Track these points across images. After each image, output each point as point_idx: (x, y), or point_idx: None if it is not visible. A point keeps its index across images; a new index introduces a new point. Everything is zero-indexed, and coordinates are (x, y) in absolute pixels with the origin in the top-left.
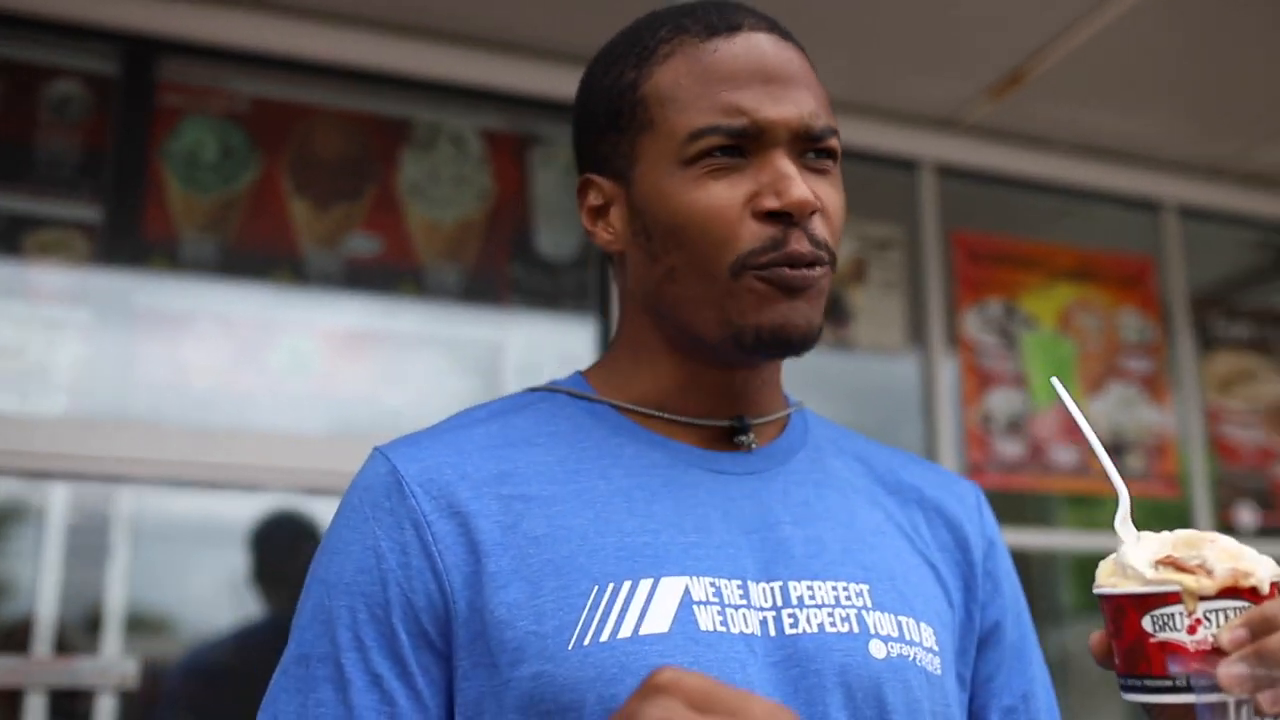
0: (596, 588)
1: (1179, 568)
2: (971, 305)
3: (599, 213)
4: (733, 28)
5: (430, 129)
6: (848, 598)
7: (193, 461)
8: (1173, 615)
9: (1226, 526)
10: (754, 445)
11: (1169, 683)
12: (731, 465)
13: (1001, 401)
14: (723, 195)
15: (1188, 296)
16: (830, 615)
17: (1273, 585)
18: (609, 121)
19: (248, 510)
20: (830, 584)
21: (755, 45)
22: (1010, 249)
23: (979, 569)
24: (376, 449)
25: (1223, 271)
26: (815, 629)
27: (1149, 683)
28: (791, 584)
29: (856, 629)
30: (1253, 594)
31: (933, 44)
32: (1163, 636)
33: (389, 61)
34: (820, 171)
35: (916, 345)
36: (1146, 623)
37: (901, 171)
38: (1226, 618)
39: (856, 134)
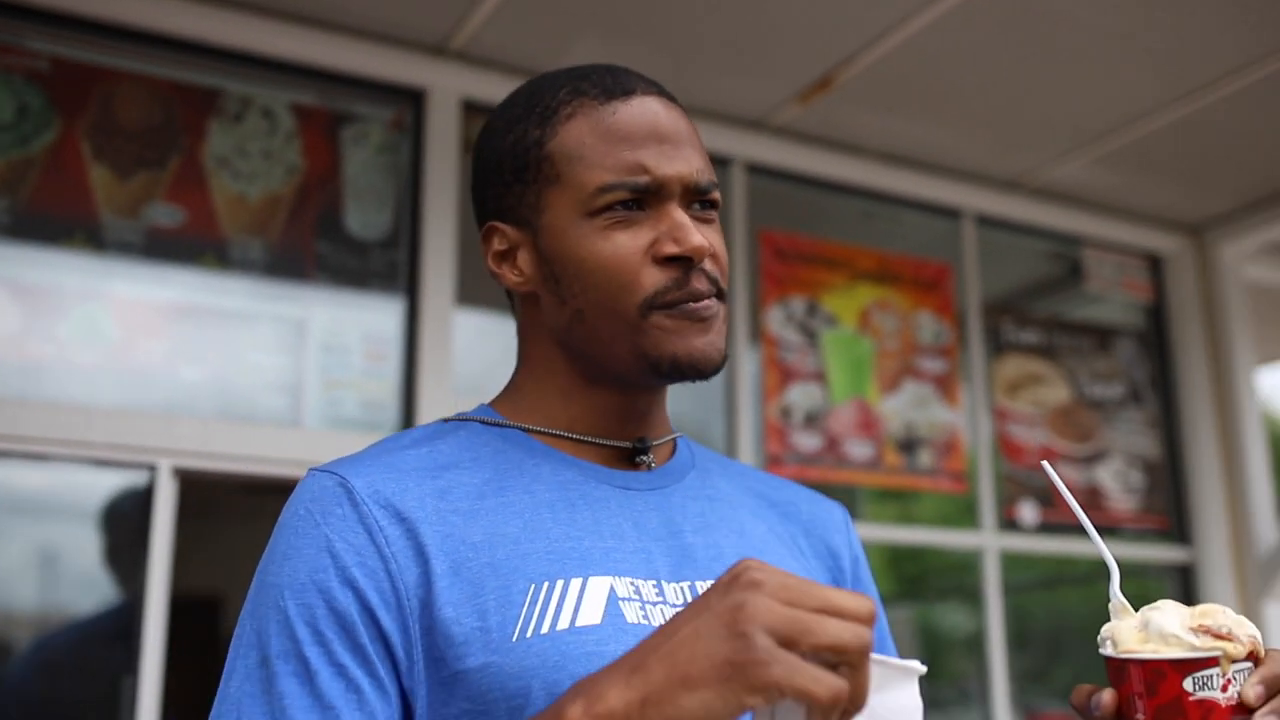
0: (533, 586)
1: (1216, 635)
2: (775, 302)
3: (504, 256)
4: (628, 92)
5: (240, 101)
6: None
7: None
8: (1211, 676)
9: (1010, 522)
10: (653, 465)
11: None
12: (636, 482)
13: (801, 396)
14: (626, 244)
15: (981, 302)
16: None
17: (1250, 640)
18: (514, 175)
19: (36, 481)
20: None
21: (649, 108)
22: (815, 249)
23: (848, 577)
24: (314, 470)
25: (1015, 280)
26: None
27: None
28: (699, 584)
29: None
30: (1253, 655)
31: (746, 47)
32: (1201, 695)
33: (200, 30)
34: (706, 220)
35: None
36: (1188, 684)
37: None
38: (1245, 677)
39: None
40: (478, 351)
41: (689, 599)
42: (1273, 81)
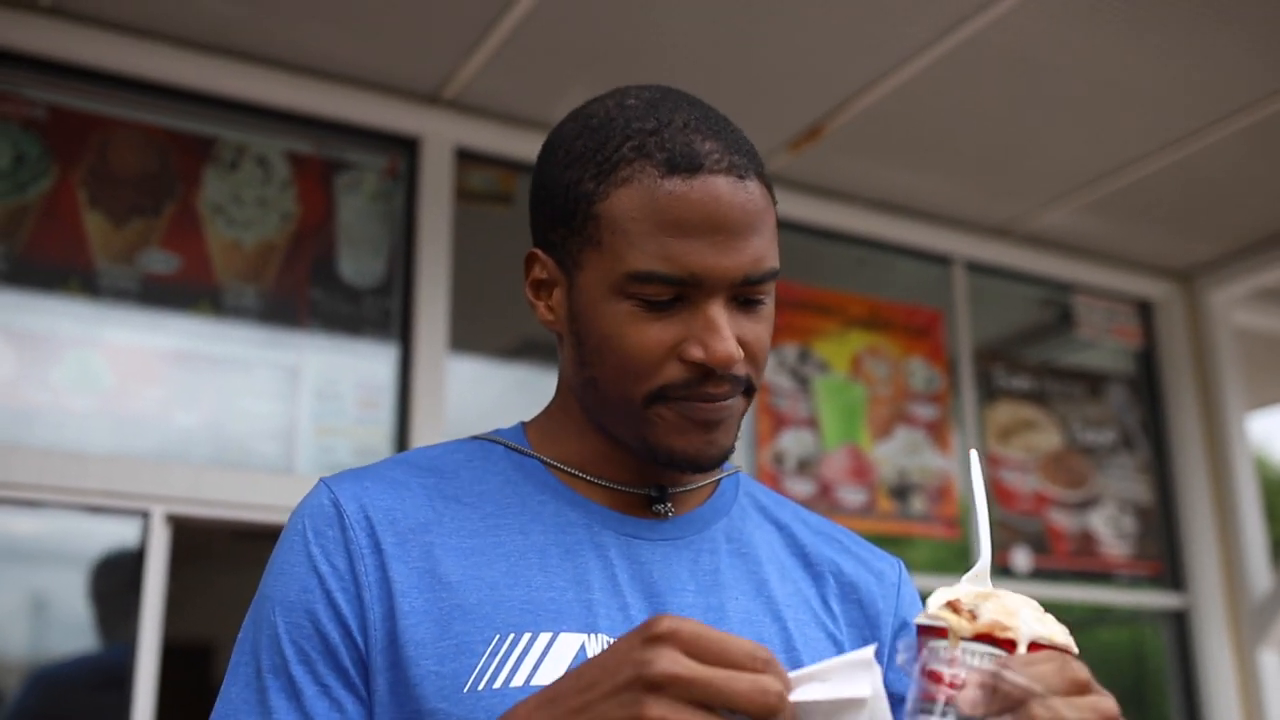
0: (498, 636)
1: (954, 610)
2: None
3: (542, 287)
4: (693, 168)
5: (235, 149)
6: None
7: None
8: (939, 648)
9: (1003, 568)
10: (671, 513)
11: (932, 706)
12: (646, 531)
13: (793, 442)
14: (652, 335)
15: (973, 348)
16: None
17: (1035, 644)
18: (562, 219)
19: (27, 528)
20: None
21: (711, 191)
22: (807, 296)
23: (886, 647)
24: (323, 480)
25: (1006, 326)
26: None
27: (923, 704)
28: None
29: None
30: (1011, 645)
31: (734, 96)
32: (932, 665)
33: (196, 79)
34: (752, 312)
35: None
36: (925, 651)
37: None
38: (981, 659)
39: None
40: (472, 398)
41: None
42: (1260, 128)
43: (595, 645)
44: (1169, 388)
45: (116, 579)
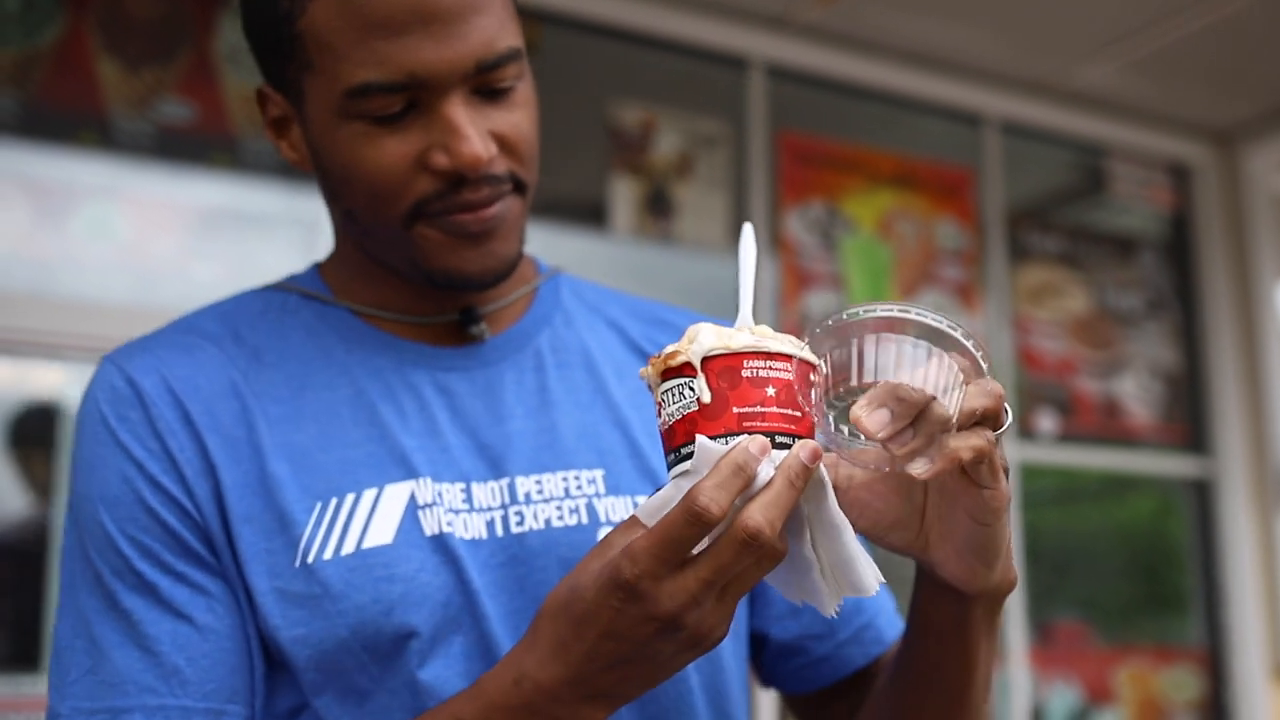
0: (319, 504)
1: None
2: (794, 206)
3: (281, 125)
4: None
5: None
6: (578, 487)
7: None
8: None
9: (1027, 432)
10: (486, 335)
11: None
12: (462, 360)
13: (819, 302)
14: (390, 151)
15: (1004, 209)
16: (559, 508)
17: (713, 359)
18: (270, 47)
19: (47, 378)
20: (560, 475)
21: None
22: (835, 152)
23: None
24: (107, 359)
25: (1039, 187)
26: (542, 525)
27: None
28: (519, 479)
29: (585, 519)
30: (689, 369)
31: None
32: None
33: None
34: (501, 95)
35: (738, 243)
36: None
37: (731, 69)
38: (673, 397)
39: (687, 28)
40: None
41: (505, 500)
42: None
43: (424, 492)
44: (1201, 253)
45: None
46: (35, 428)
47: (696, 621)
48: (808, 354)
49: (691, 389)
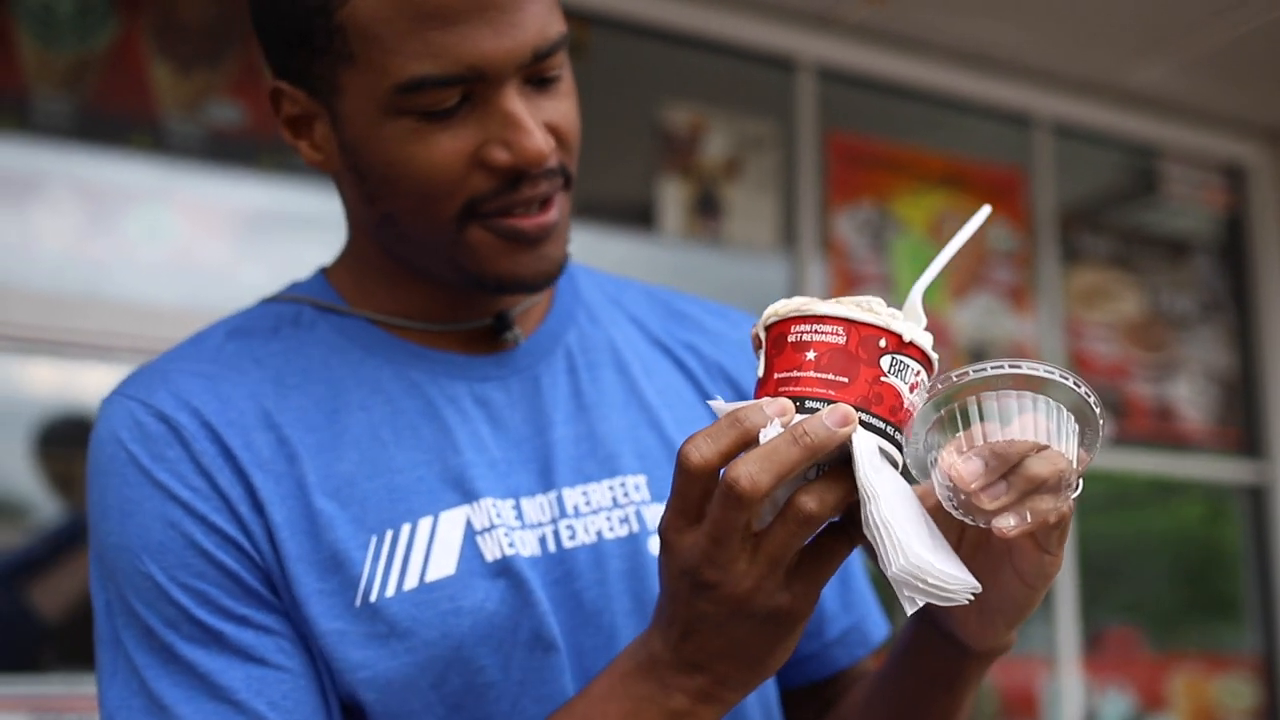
0: (374, 538)
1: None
2: (844, 207)
3: (299, 124)
4: None
5: None
6: (625, 495)
7: (42, 327)
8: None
9: None
10: (520, 339)
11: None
12: (496, 369)
13: None
14: (445, 147)
15: (1055, 211)
16: (608, 519)
17: (771, 326)
18: (300, 39)
19: (98, 379)
20: (606, 484)
21: None
22: (884, 153)
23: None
24: (118, 394)
25: (1091, 188)
26: (594, 538)
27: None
28: (566, 492)
29: (635, 528)
30: (756, 340)
31: None
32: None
33: None
34: (550, 83)
35: (787, 244)
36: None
37: (780, 70)
38: (918, 378)
39: (736, 29)
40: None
41: (555, 515)
42: None
43: (480, 516)
44: (1256, 255)
45: None
46: (88, 429)
47: (720, 579)
48: (867, 316)
49: (760, 359)
